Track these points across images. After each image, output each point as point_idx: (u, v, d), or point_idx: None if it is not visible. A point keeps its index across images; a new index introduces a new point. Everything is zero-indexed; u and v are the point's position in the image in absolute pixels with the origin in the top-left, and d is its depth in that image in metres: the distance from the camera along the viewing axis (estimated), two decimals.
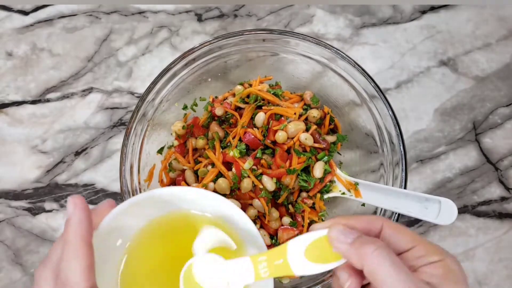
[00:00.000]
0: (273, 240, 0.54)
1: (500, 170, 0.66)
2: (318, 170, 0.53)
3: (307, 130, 0.55)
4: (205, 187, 0.54)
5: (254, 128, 0.55)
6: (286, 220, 0.54)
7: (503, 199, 0.65)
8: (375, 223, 0.31)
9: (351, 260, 0.29)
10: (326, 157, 0.55)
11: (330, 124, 0.59)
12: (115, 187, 0.66)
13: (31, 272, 0.64)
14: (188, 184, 0.56)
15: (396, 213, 0.49)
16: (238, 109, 0.57)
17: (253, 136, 0.54)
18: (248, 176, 0.53)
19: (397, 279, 0.26)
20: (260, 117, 0.55)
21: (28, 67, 0.69)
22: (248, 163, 0.53)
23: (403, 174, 0.50)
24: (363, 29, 0.70)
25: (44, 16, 0.71)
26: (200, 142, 0.57)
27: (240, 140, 0.55)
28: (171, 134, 0.60)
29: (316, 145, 0.55)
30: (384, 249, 0.28)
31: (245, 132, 0.54)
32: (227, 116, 0.57)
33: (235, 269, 0.33)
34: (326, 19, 0.70)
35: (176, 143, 0.59)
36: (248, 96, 0.56)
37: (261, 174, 0.53)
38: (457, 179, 0.65)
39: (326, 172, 0.54)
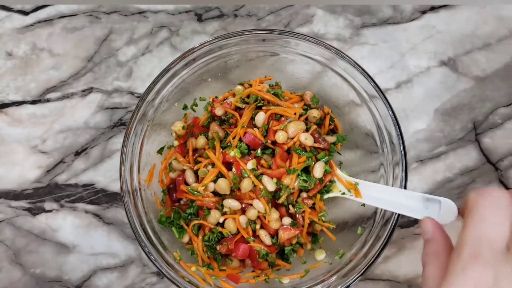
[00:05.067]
0: (274, 240, 0.54)
1: (500, 170, 0.66)
2: (318, 170, 0.53)
3: (307, 130, 0.55)
4: (205, 187, 0.54)
5: (254, 128, 0.55)
6: (287, 220, 0.54)
7: None
8: None
9: None
10: (326, 157, 0.55)
11: (330, 124, 0.59)
12: (115, 187, 0.66)
13: (31, 272, 0.64)
14: (188, 185, 0.56)
15: (396, 213, 0.49)
16: (238, 109, 0.57)
17: (253, 136, 0.54)
18: (249, 176, 0.53)
19: None
20: (260, 117, 0.55)
21: (28, 67, 0.69)
22: (251, 164, 0.53)
23: (403, 174, 0.50)
24: (363, 29, 0.70)
25: (44, 16, 0.71)
26: (200, 142, 0.57)
27: (240, 140, 0.55)
28: (171, 134, 0.60)
29: (316, 145, 0.55)
30: None
31: (245, 132, 0.54)
32: (227, 116, 0.57)
33: None
34: (326, 19, 0.70)
35: (176, 143, 0.59)
36: (248, 96, 0.56)
37: (261, 174, 0.53)
38: (457, 179, 0.65)
39: (326, 172, 0.54)
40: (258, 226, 0.54)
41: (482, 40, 0.69)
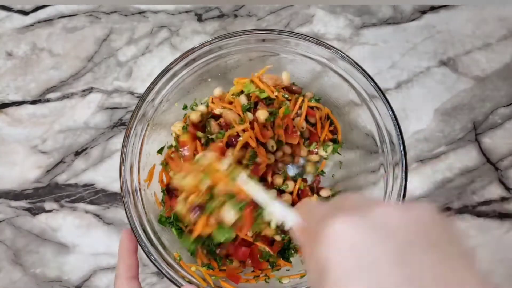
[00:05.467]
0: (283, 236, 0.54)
1: (500, 170, 0.66)
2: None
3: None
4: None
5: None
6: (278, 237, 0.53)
7: (503, 199, 0.65)
8: None
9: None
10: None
11: (330, 126, 0.59)
12: (115, 187, 0.66)
13: (31, 272, 0.64)
14: None
15: None
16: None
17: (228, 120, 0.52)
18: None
19: None
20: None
21: (28, 67, 0.69)
22: (226, 162, 0.43)
23: (403, 174, 0.50)
24: (363, 29, 0.70)
25: (44, 16, 0.71)
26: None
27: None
28: (171, 134, 0.60)
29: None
30: None
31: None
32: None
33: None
34: (326, 19, 0.70)
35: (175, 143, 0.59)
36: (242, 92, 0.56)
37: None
38: (457, 179, 0.65)
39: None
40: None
41: (482, 40, 0.69)
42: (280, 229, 0.45)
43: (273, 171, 0.54)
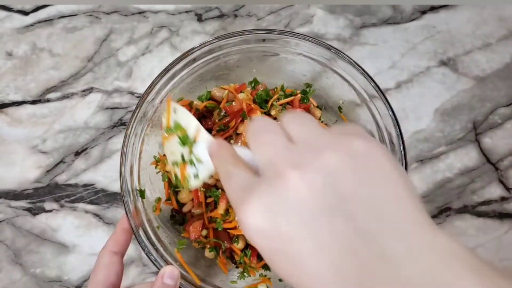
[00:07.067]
0: None
1: (500, 170, 0.66)
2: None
3: None
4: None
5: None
6: None
7: (503, 199, 0.65)
8: None
9: None
10: None
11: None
12: (115, 187, 0.66)
13: (31, 272, 0.64)
14: None
15: None
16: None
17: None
18: None
19: None
20: None
21: (28, 67, 0.69)
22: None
23: None
24: (363, 29, 0.70)
25: (44, 16, 0.71)
26: None
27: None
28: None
29: None
30: None
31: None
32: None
33: None
34: (326, 19, 0.70)
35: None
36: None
37: None
38: (457, 179, 0.65)
39: None
40: None
41: (482, 40, 0.69)
42: None
43: None
